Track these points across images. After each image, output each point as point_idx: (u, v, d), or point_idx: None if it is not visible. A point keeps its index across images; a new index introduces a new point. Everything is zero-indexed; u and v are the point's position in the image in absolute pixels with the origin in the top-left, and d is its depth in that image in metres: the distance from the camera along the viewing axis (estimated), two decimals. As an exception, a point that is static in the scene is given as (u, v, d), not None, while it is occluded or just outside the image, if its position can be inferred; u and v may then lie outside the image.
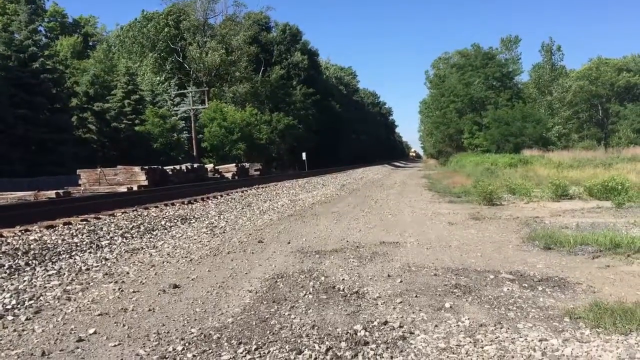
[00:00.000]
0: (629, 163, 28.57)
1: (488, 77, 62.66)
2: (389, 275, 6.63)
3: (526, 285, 5.98)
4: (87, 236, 10.31)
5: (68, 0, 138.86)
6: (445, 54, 79.79)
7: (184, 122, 49.87)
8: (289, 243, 9.48)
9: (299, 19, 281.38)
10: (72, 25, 67.23)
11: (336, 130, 79.62)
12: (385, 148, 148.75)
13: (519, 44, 67.29)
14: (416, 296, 5.65)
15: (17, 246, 9.02)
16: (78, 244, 9.47)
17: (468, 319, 4.82)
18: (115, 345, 4.48)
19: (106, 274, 7.22)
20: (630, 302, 5.04)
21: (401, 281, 6.33)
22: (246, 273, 7.08)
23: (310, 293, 5.92)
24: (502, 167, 31.80)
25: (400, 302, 5.42)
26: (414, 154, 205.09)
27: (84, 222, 12.22)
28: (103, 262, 8.01)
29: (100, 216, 13.36)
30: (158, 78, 55.05)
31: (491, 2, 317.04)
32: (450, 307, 5.21)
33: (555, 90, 73.97)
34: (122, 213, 14.22)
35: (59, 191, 18.20)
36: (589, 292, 5.61)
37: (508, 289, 5.81)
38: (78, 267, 7.65)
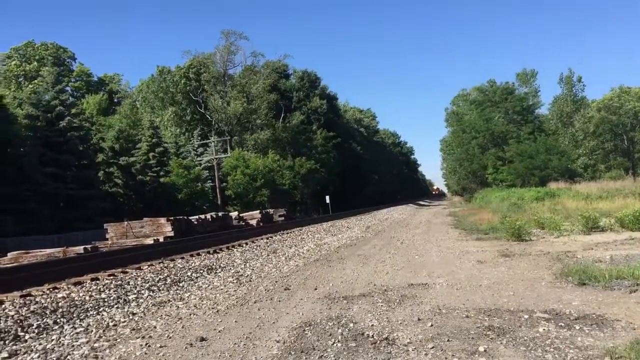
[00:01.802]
0: (660, 191, 27.93)
1: (508, 112, 62.63)
2: (419, 319, 6.48)
3: (562, 324, 5.78)
4: (114, 291, 10.34)
5: (93, 60, 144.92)
6: (463, 90, 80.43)
7: (207, 171, 50.60)
8: (315, 289, 9.37)
9: (317, 63, 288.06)
10: (97, 83, 69.56)
11: (358, 172, 79.82)
12: (408, 187, 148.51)
13: (536, 77, 67.03)
14: (448, 340, 5.49)
15: (46, 305, 9.06)
16: (105, 300, 9.49)
17: (504, 363, 4.65)
18: (142, 404, 4.41)
19: (133, 329, 7.19)
20: (674, 338, 4.82)
21: (432, 325, 6.17)
22: (273, 322, 6.98)
23: (338, 341, 5.79)
24: (529, 201, 31.35)
25: (432, 347, 5.27)
26: (437, 191, 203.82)
27: (111, 277, 12.28)
28: (130, 317, 8.00)
29: (127, 270, 13.42)
30: (179, 130, 56.13)
31: (508, 37, 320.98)
32: (485, 350, 5.04)
33: (578, 122, 73.25)
34: (149, 266, 14.27)
35: (87, 246, 18.39)
36: (629, 329, 5.39)
37: (544, 329, 5.62)
38: (105, 323, 7.64)
